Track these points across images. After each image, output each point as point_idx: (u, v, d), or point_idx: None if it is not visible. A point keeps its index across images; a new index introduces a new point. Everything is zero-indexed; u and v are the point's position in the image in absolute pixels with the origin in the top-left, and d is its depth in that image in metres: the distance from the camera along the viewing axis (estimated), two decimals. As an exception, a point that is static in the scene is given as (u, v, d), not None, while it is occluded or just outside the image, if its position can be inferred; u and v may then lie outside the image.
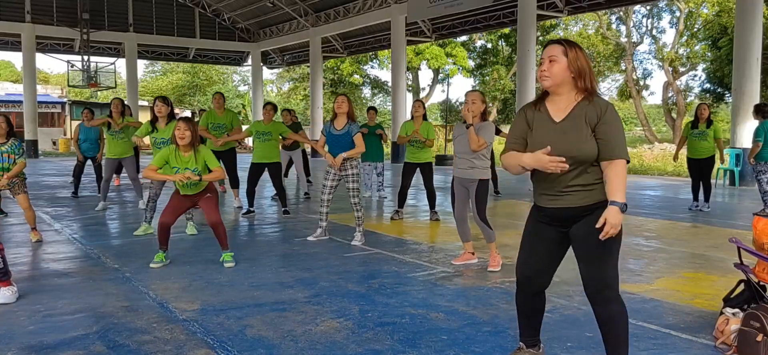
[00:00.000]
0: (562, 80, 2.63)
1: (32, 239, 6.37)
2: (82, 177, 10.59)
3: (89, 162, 10.63)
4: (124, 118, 8.65)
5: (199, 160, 5.17)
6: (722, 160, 8.87)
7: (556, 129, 2.66)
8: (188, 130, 5.10)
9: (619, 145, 2.57)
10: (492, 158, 11.07)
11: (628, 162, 2.61)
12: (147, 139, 7.21)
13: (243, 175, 8.87)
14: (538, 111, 2.74)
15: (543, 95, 2.76)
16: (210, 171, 5.25)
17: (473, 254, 5.45)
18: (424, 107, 8.14)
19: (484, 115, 5.15)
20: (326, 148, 6.34)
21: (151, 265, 5.18)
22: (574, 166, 2.61)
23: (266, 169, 8.23)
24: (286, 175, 12.21)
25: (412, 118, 8.06)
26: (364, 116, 26.39)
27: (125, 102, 8.98)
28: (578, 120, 2.61)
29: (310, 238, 6.53)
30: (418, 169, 8.02)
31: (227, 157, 8.99)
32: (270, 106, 8.45)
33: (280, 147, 10.61)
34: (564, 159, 2.53)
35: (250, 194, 8.25)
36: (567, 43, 2.65)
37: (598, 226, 2.51)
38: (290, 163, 11.12)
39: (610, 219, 2.49)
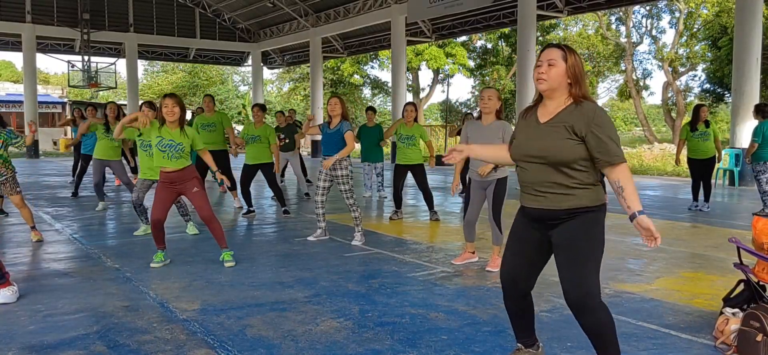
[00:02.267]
0: (559, 85, 2.64)
1: (33, 238, 6.37)
2: (83, 177, 10.61)
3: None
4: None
5: (185, 137, 5.19)
6: (719, 159, 8.89)
7: (538, 130, 2.69)
8: (176, 106, 5.15)
9: (615, 147, 2.55)
10: None
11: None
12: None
13: (240, 175, 8.87)
14: (525, 118, 2.78)
15: (536, 102, 2.78)
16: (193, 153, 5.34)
17: (474, 253, 5.45)
18: (416, 110, 8.24)
19: (499, 113, 5.08)
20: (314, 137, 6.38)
21: (152, 265, 5.18)
22: (552, 166, 2.62)
23: (260, 170, 8.22)
24: (282, 176, 12.20)
25: (403, 118, 8.23)
26: (363, 117, 26.20)
27: (120, 106, 9.02)
28: (563, 122, 2.61)
29: (310, 238, 6.53)
30: (409, 170, 8.05)
31: (220, 158, 8.97)
32: (258, 109, 8.40)
33: (278, 149, 10.62)
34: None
35: (246, 195, 8.24)
36: (566, 49, 2.67)
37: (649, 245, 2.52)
38: (287, 165, 11.10)
39: (647, 226, 2.48)
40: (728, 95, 25.48)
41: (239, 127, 37.53)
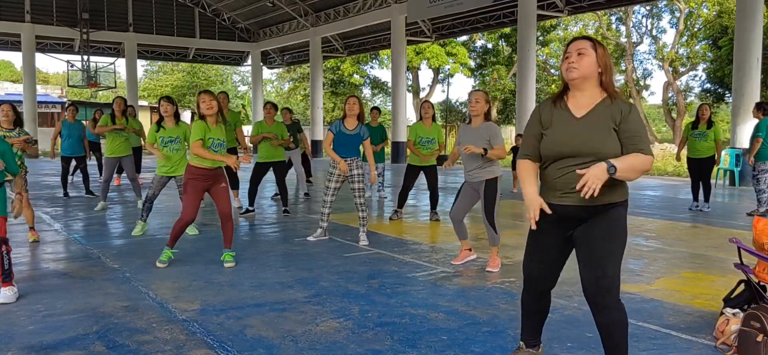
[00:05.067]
0: (590, 74, 2.60)
1: (29, 239, 6.37)
2: (68, 178, 10.55)
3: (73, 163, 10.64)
4: (126, 117, 8.64)
5: (228, 132, 5.28)
6: (718, 162, 8.86)
7: (577, 124, 2.61)
8: (214, 100, 5.23)
9: (643, 142, 2.54)
10: None
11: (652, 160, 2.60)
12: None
13: (243, 174, 8.86)
14: (557, 108, 2.69)
15: (562, 92, 2.71)
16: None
17: (470, 250, 5.44)
18: (433, 108, 8.06)
19: (488, 115, 5.10)
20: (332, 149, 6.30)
21: (158, 263, 5.17)
22: (589, 161, 2.54)
23: (272, 167, 8.24)
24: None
25: (421, 118, 7.95)
26: (367, 116, 25.90)
27: (127, 101, 9.00)
28: (602, 116, 2.57)
29: (310, 238, 6.52)
30: (421, 171, 8.00)
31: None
32: (271, 106, 8.41)
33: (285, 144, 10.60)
34: (536, 217, 2.62)
35: (253, 193, 8.22)
36: (594, 40, 2.66)
37: (579, 174, 2.47)
38: (289, 163, 11.08)
39: (593, 169, 2.42)
40: (729, 95, 25.46)
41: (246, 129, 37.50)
